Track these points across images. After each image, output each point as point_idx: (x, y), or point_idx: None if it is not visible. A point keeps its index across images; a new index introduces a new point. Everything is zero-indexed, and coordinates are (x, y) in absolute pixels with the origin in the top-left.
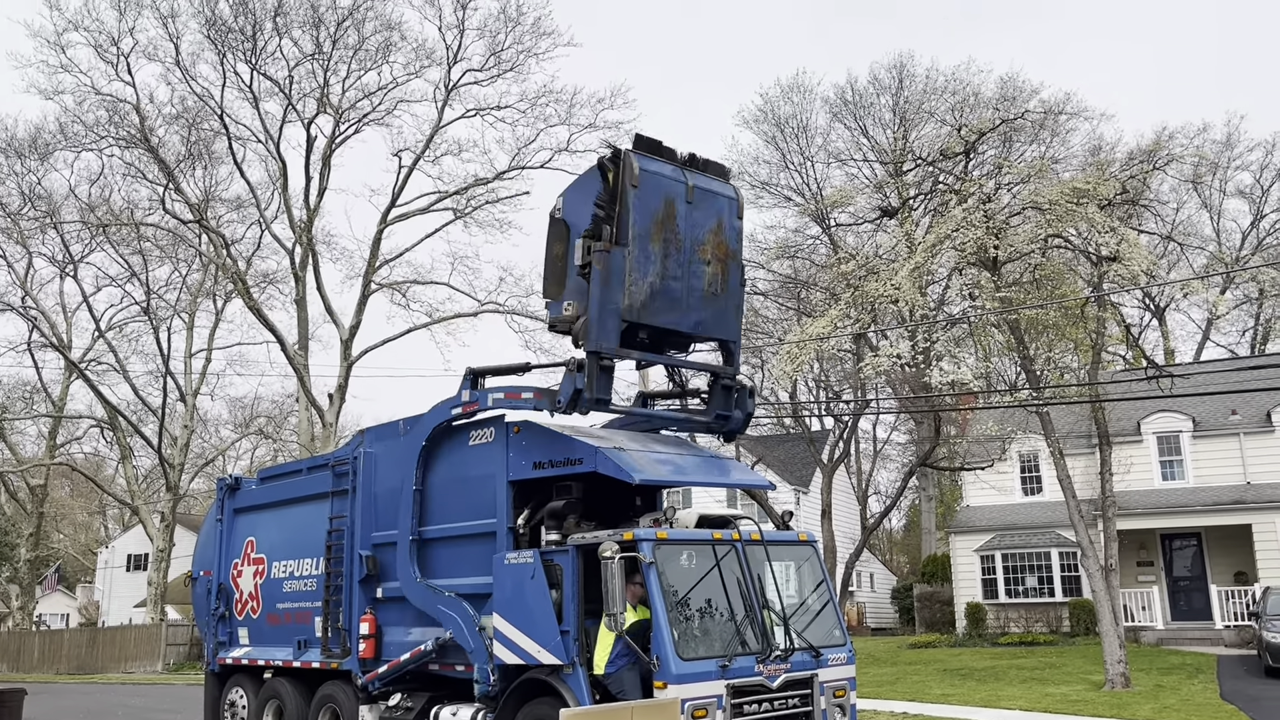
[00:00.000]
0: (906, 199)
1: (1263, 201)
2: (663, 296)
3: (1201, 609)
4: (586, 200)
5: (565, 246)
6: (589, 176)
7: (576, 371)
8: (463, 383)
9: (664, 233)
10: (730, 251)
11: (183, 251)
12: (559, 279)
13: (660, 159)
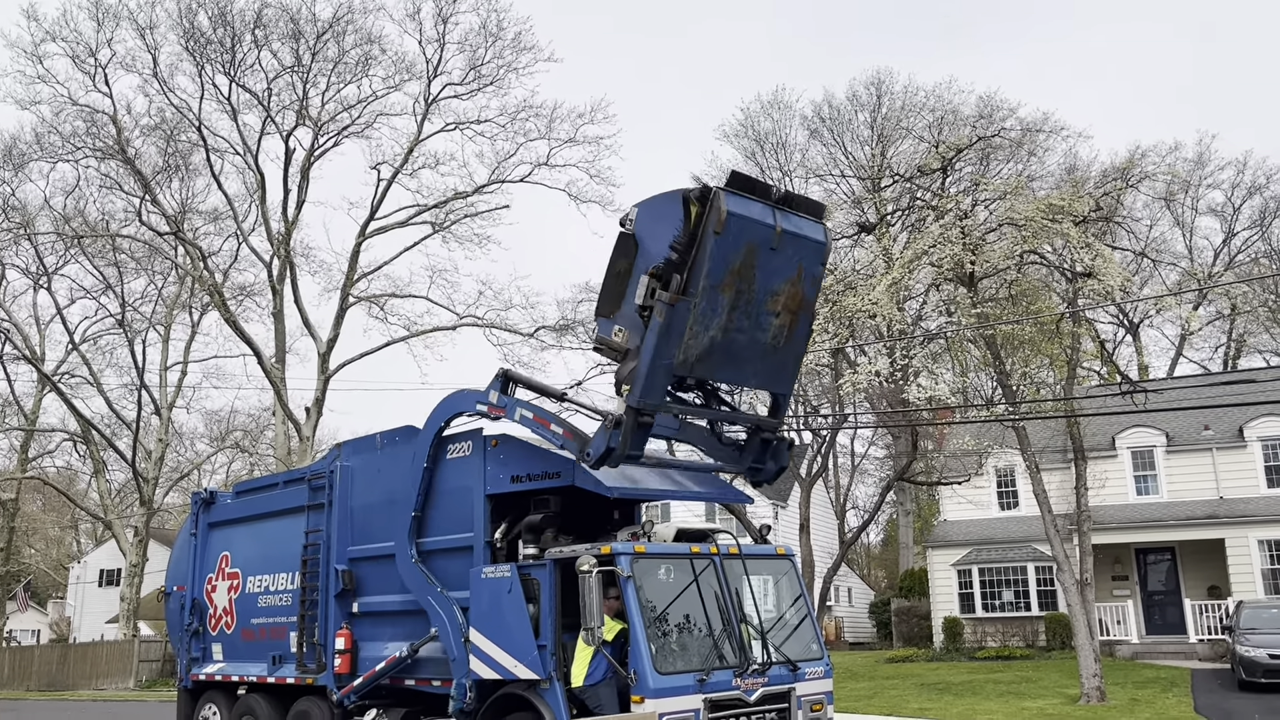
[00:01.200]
0: (884, 215)
1: (1234, 219)
2: (721, 350)
3: (1175, 623)
4: (661, 225)
5: (629, 265)
6: (670, 201)
7: (614, 428)
8: (493, 383)
9: (738, 283)
10: (804, 302)
11: (159, 264)
12: (616, 297)
13: (752, 197)
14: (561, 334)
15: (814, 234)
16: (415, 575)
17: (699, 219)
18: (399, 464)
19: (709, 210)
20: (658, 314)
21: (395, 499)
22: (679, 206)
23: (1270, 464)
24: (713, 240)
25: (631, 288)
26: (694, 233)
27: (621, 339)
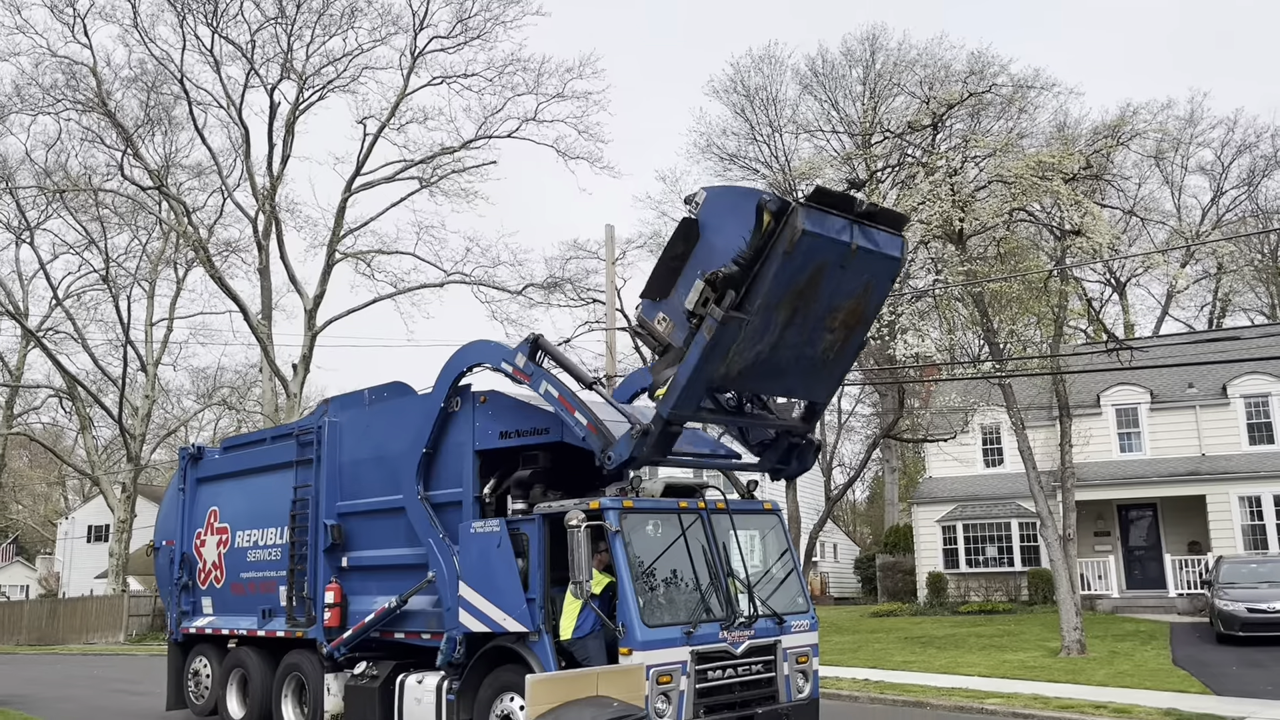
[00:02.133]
0: (874, 172)
1: (1223, 178)
2: (766, 364)
3: (1156, 578)
4: (729, 221)
5: (687, 251)
6: (742, 198)
7: (640, 437)
8: (521, 345)
9: (797, 302)
10: (864, 319)
11: (142, 219)
12: (666, 282)
13: (832, 213)
14: (550, 291)
15: (890, 249)
16: (421, 514)
17: (770, 234)
18: (388, 419)
19: (782, 227)
20: (706, 329)
21: (384, 454)
22: (751, 208)
23: (1253, 421)
24: (780, 260)
25: (685, 277)
26: (761, 247)
27: (665, 329)
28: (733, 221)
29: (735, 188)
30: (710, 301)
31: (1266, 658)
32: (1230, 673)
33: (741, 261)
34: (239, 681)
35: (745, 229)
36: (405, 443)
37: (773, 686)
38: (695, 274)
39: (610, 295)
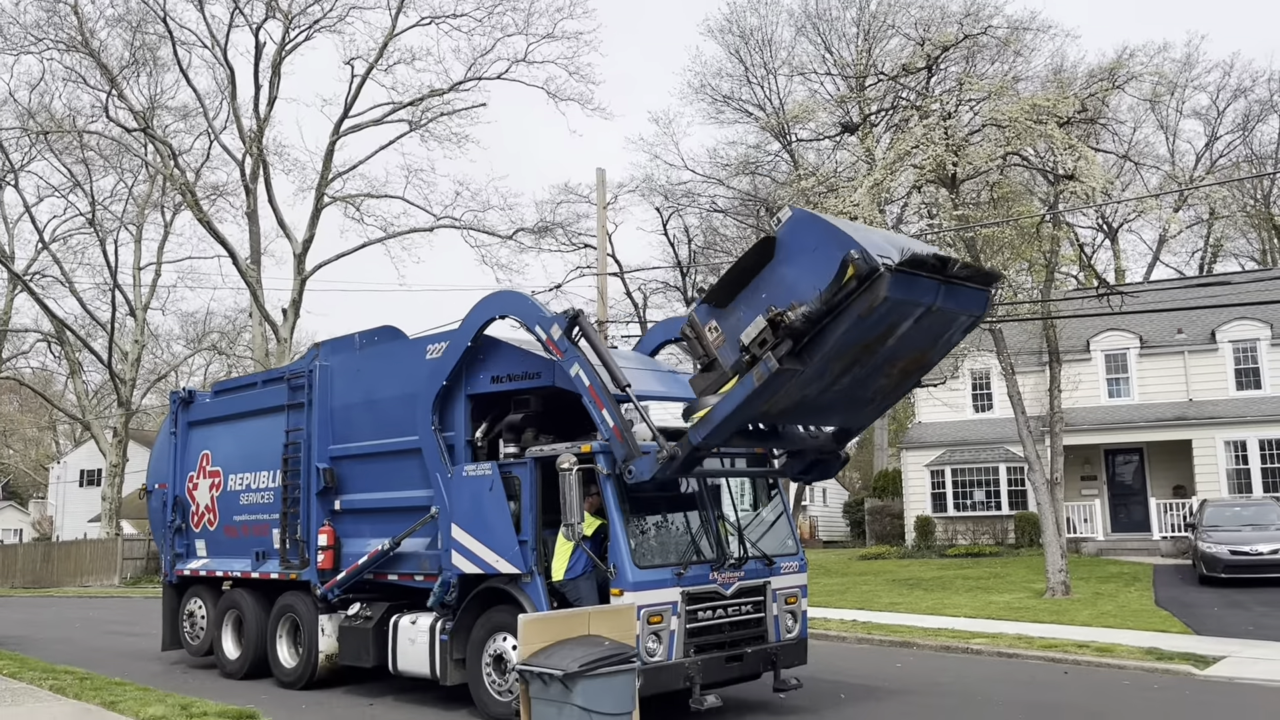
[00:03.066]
0: (868, 115)
1: (1218, 123)
2: (810, 405)
3: (1140, 521)
4: (808, 260)
5: (757, 269)
6: (831, 244)
7: (667, 461)
8: (560, 316)
9: (860, 354)
10: (926, 365)
11: (128, 161)
12: (728, 293)
13: (923, 276)
14: (540, 236)
15: (974, 306)
16: (434, 449)
17: (849, 292)
18: (379, 363)
19: (864, 290)
20: (756, 375)
21: (376, 398)
22: (836, 260)
23: (1240, 367)
24: (853, 321)
25: (747, 297)
26: (835, 304)
27: (714, 340)
28: (812, 262)
29: (825, 224)
30: (767, 344)
31: (1247, 598)
32: (1212, 613)
33: (811, 316)
34: (234, 622)
35: (822, 277)
36: (397, 386)
37: (762, 627)
38: (759, 296)
39: (601, 240)
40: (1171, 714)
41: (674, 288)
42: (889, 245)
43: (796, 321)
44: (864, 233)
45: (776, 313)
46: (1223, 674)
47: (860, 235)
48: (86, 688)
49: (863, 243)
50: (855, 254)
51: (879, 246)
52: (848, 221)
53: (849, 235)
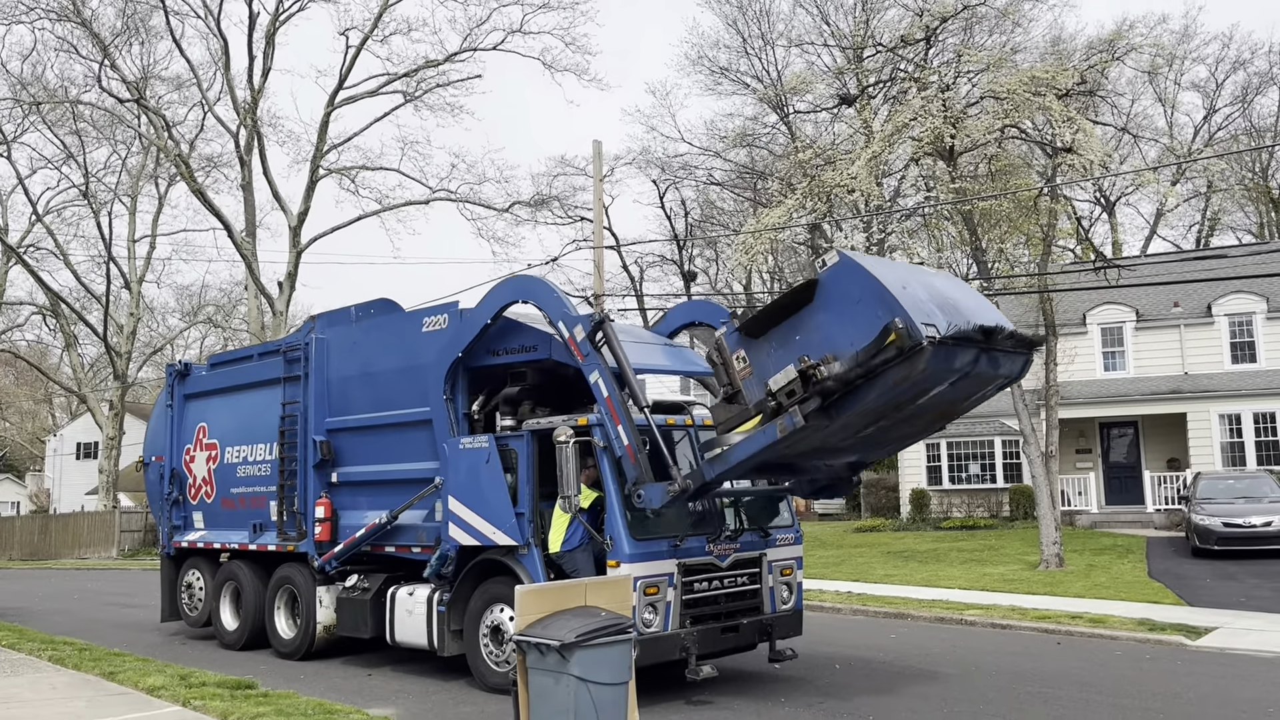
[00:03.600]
0: (866, 87)
1: (1216, 95)
2: (830, 448)
3: (1135, 493)
4: (851, 314)
5: (795, 310)
6: (877, 305)
7: (678, 495)
8: (586, 318)
9: (889, 412)
10: (953, 414)
11: (121, 133)
12: (762, 326)
13: (966, 345)
14: (537, 209)
15: (1011, 369)
16: (444, 420)
17: (887, 360)
18: (376, 336)
19: (903, 361)
20: (780, 426)
21: (373, 371)
22: (879, 323)
23: (1236, 340)
24: (888, 386)
25: (781, 335)
26: (871, 368)
27: (740, 371)
28: (853, 315)
29: (871, 279)
30: (795, 395)
31: (1240, 570)
32: (1204, 585)
33: (845, 379)
34: (232, 594)
35: (861, 334)
36: (394, 359)
37: (757, 598)
38: (793, 338)
39: (598, 213)
40: (1163, 684)
41: (670, 261)
42: (934, 307)
43: (829, 381)
44: (910, 287)
45: (809, 364)
46: (1214, 645)
47: (907, 294)
48: (86, 658)
49: (908, 306)
50: (900, 324)
51: (924, 310)
52: (894, 269)
53: (895, 298)
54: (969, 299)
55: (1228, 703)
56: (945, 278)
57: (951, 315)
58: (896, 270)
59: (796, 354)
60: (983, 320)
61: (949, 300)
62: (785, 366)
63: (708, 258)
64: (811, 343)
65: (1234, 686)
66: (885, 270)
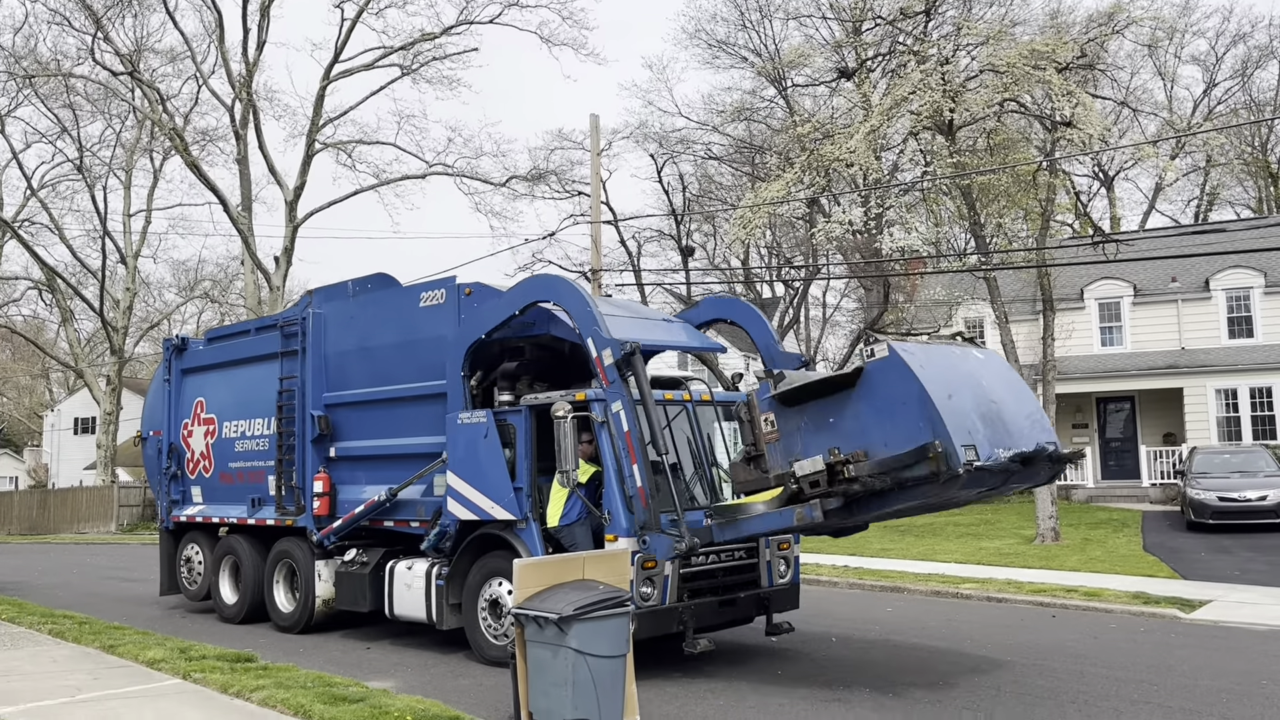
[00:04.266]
0: (864, 60)
1: (1216, 69)
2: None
3: (1131, 468)
4: (894, 413)
5: (833, 391)
6: (918, 410)
7: (684, 552)
8: (618, 345)
9: (911, 511)
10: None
11: (115, 106)
12: (799, 398)
13: (1006, 469)
14: (534, 183)
15: (1039, 480)
16: (459, 397)
17: (919, 478)
18: (373, 310)
19: (934, 483)
20: (797, 515)
21: (371, 345)
22: (920, 433)
23: (1233, 315)
24: (916, 498)
25: (815, 410)
26: (901, 483)
27: (766, 433)
28: (892, 416)
29: (918, 386)
30: (819, 487)
31: (1235, 544)
32: (1199, 558)
33: (871, 490)
34: (231, 568)
35: (896, 438)
36: (391, 334)
37: (755, 572)
38: (826, 419)
39: (595, 187)
40: (1157, 656)
41: (668, 236)
42: (977, 420)
43: (855, 485)
44: (956, 396)
45: (839, 459)
46: (1208, 618)
47: (952, 407)
48: (86, 632)
49: (951, 425)
50: (939, 447)
51: (966, 428)
52: (942, 367)
53: (938, 412)
54: (1015, 402)
55: (1221, 674)
56: (994, 367)
57: (994, 432)
58: (943, 369)
59: (828, 438)
60: (1024, 446)
61: (994, 409)
62: (814, 448)
63: (706, 232)
64: (845, 430)
65: (1227, 659)
66: (933, 372)
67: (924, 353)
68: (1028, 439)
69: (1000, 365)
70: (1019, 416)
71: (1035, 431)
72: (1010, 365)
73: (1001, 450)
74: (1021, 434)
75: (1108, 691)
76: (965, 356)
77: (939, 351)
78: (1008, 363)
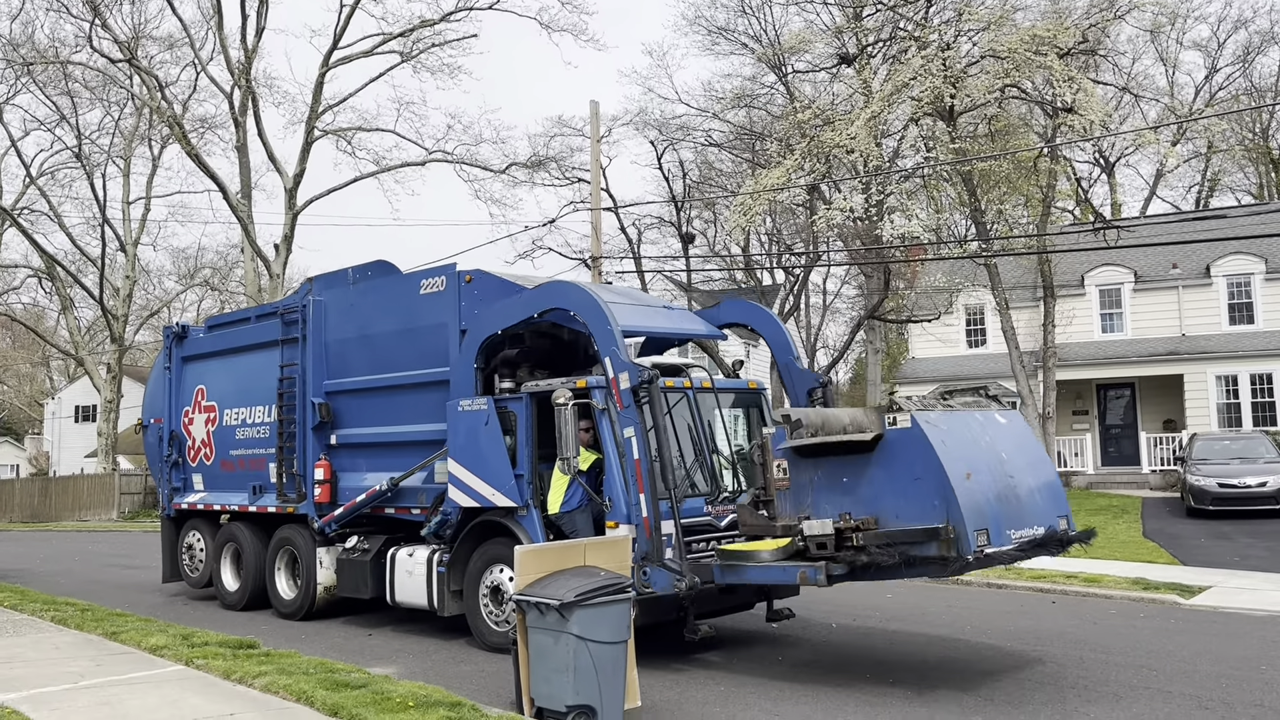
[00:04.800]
0: (865, 46)
1: (1217, 55)
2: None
3: (1131, 455)
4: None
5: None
6: (935, 489)
7: (685, 590)
8: (635, 368)
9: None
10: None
11: (114, 94)
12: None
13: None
14: (534, 170)
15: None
16: (469, 383)
17: (928, 557)
18: (373, 298)
19: (943, 564)
20: (802, 575)
21: (371, 333)
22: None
23: (1234, 301)
24: (919, 571)
25: (830, 467)
26: (909, 560)
27: (776, 479)
28: (906, 490)
29: (938, 463)
30: (826, 549)
31: (1234, 530)
32: (1199, 544)
33: (879, 565)
34: (232, 555)
35: (909, 513)
36: (392, 321)
37: None
38: (840, 479)
39: (595, 174)
40: (1157, 642)
41: (669, 222)
42: (994, 500)
43: (862, 557)
44: (976, 475)
45: (849, 525)
46: (1208, 603)
47: (969, 489)
48: (88, 619)
49: (966, 508)
50: (952, 532)
51: (982, 513)
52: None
53: (955, 495)
54: (1033, 473)
55: (1220, 660)
56: (1015, 432)
57: (1009, 512)
58: (964, 443)
59: (840, 498)
60: (1037, 527)
61: (1010, 485)
62: (825, 506)
63: (706, 219)
64: (858, 493)
65: (1226, 644)
66: (954, 448)
67: (947, 425)
68: (1042, 516)
69: (1021, 431)
70: (1035, 491)
71: (1050, 506)
72: (1030, 429)
73: (1013, 532)
74: (1036, 511)
75: (1107, 677)
76: (987, 423)
77: (962, 421)
78: (1028, 426)
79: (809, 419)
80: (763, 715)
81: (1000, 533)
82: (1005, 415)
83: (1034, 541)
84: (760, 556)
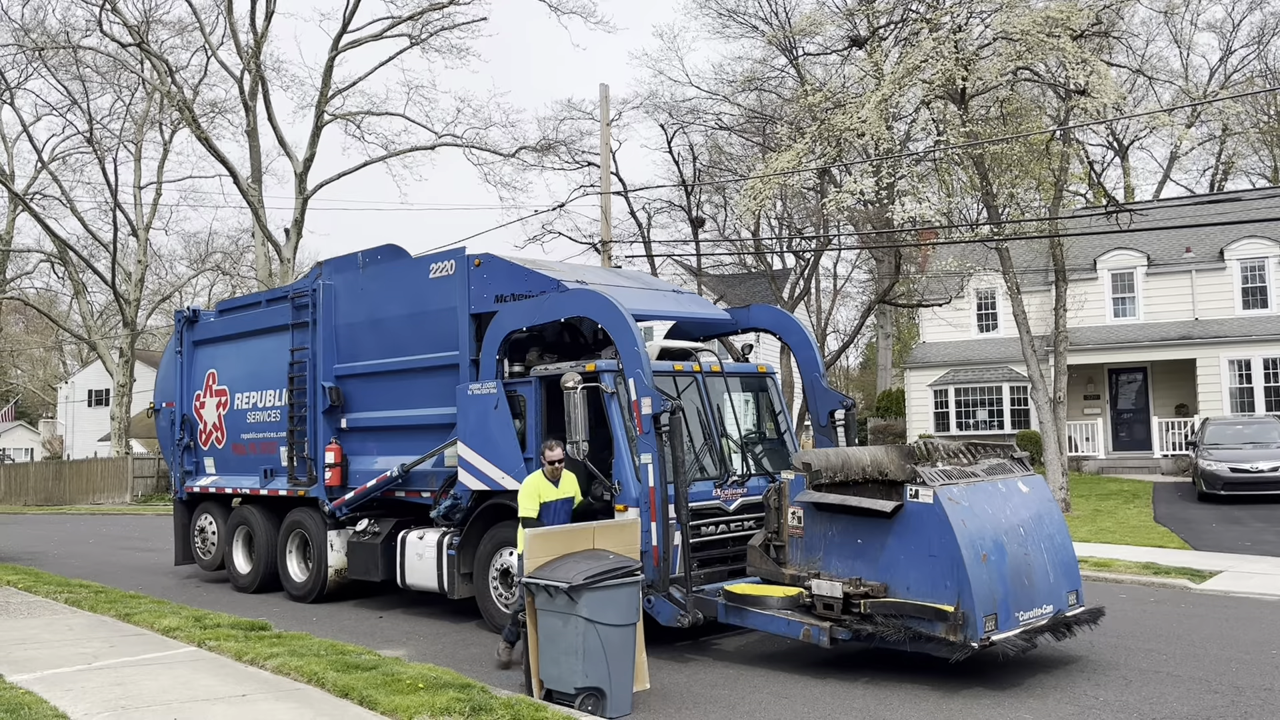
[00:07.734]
0: (876, 28)
1: (1232, 36)
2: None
3: (1142, 439)
4: (924, 561)
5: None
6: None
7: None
8: (659, 396)
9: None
10: None
11: (125, 78)
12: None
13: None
14: (543, 154)
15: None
16: (490, 373)
17: (934, 636)
18: (383, 282)
19: (947, 645)
20: (804, 633)
21: (381, 317)
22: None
23: (1248, 285)
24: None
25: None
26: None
27: (790, 525)
28: (920, 565)
29: (955, 546)
30: (834, 610)
31: (1246, 515)
32: (1210, 529)
33: (884, 638)
34: (244, 538)
35: (920, 587)
36: (402, 305)
37: None
38: (855, 540)
39: (605, 158)
40: (1167, 626)
41: (679, 206)
42: (1007, 585)
43: (866, 627)
44: (991, 558)
45: (859, 590)
46: (1218, 588)
47: (983, 573)
48: (102, 600)
49: (978, 595)
50: (960, 617)
51: (993, 599)
52: (981, 516)
53: (969, 579)
54: (1050, 547)
55: (1231, 644)
56: (1037, 501)
57: (1020, 592)
58: (985, 520)
59: (852, 561)
60: (1046, 607)
61: (1026, 562)
62: (836, 564)
63: (716, 203)
64: (871, 557)
65: (1237, 628)
66: (973, 527)
67: (969, 500)
68: (1052, 595)
69: (1042, 499)
70: (1049, 567)
71: (1062, 582)
72: (1052, 496)
73: (1022, 614)
74: (1046, 590)
75: (1117, 660)
76: (1010, 494)
77: (985, 495)
78: (1050, 493)
79: (829, 461)
80: (770, 698)
81: (1009, 616)
82: (1028, 483)
83: (1040, 628)
84: (767, 602)
